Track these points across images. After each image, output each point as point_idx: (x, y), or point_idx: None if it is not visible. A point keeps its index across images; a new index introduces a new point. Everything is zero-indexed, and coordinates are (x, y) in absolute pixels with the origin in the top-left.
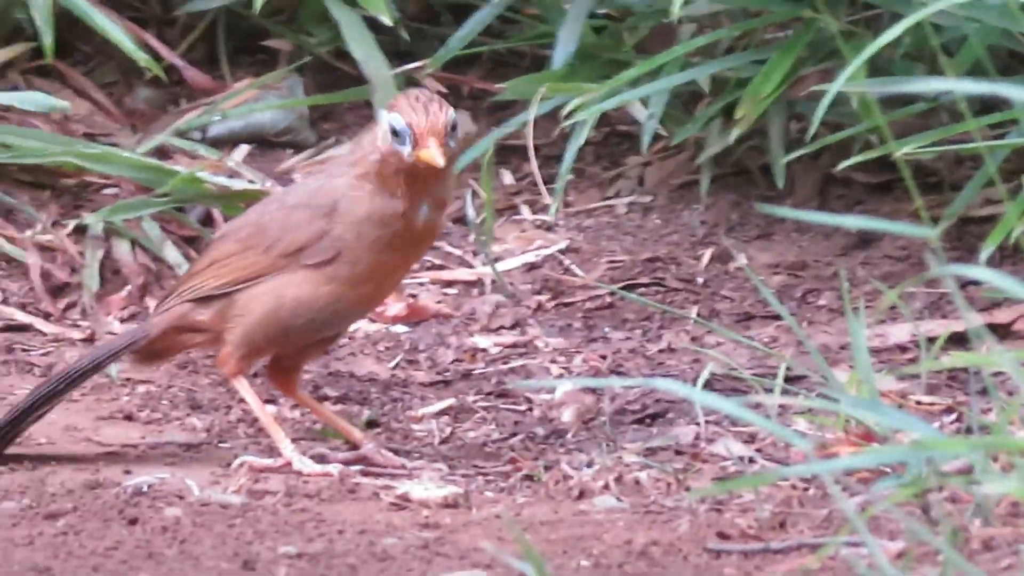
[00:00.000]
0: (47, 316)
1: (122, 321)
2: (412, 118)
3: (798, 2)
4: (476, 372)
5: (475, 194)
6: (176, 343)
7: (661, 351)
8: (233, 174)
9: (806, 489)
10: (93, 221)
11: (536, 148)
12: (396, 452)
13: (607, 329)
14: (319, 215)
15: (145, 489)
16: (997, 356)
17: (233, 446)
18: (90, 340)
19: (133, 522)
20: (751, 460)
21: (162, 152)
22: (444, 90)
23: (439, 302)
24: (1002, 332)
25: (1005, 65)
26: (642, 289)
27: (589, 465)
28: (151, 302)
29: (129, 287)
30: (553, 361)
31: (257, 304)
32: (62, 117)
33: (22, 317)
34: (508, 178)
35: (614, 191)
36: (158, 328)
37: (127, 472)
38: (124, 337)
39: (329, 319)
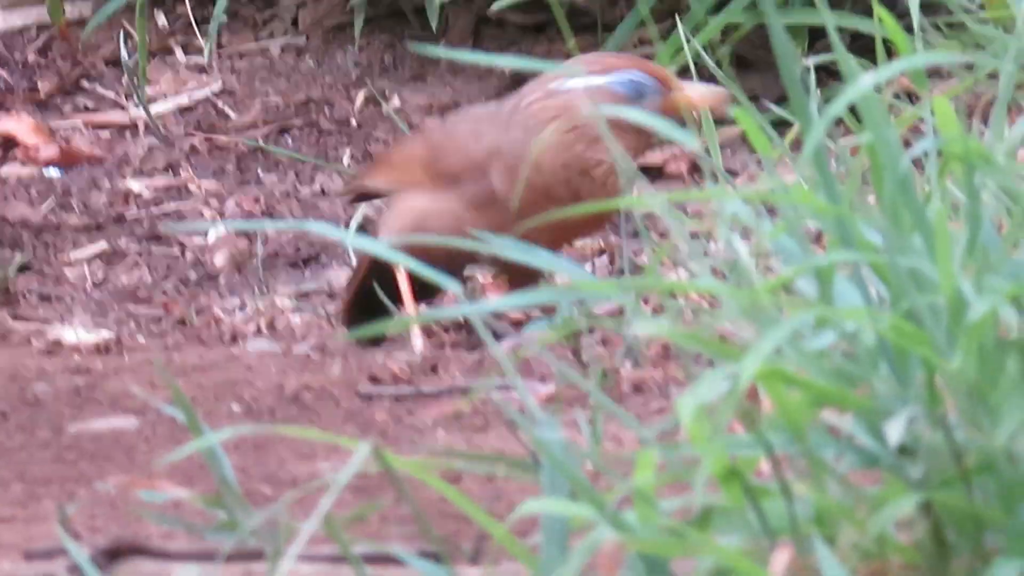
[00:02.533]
0: None
1: None
2: (648, 68)
3: None
4: (129, 216)
5: (128, 36)
6: None
7: (314, 194)
8: None
9: (458, 332)
10: None
11: None
12: (48, 297)
13: (260, 172)
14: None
15: None
16: (648, 197)
17: None
18: None
19: None
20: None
21: None
22: None
23: (92, 145)
24: (654, 173)
25: None
26: (296, 131)
27: (242, 309)
28: None
29: None
30: (206, 204)
31: (400, 213)
32: None
33: None
34: (162, 20)
35: (268, 33)
36: None
37: None
38: None
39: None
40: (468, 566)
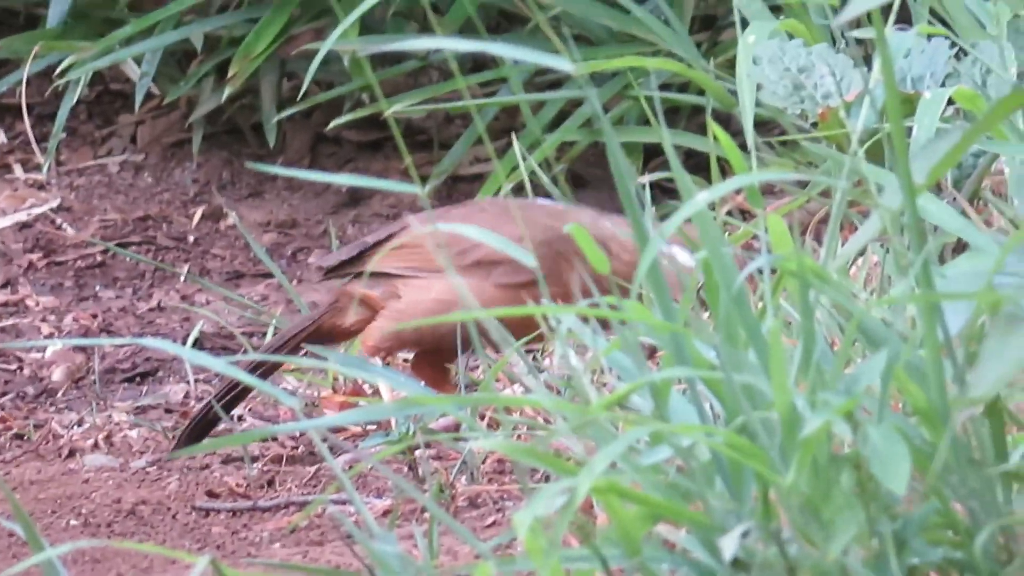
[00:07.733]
0: None
1: None
2: None
3: None
4: None
5: None
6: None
7: (151, 310)
8: None
9: (295, 447)
10: None
11: (29, 107)
12: None
13: (98, 288)
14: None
15: None
16: (479, 314)
17: None
18: None
19: None
20: (241, 418)
21: None
22: None
23: None
24: None
25: (496, 24)
26: (134, 247)
27: (79, 424)
28: None
29: None
30: (44, 320)
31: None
32: None
33: None
34: (1, 137)
35: (106, 150)
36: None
37: None
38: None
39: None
40: None
